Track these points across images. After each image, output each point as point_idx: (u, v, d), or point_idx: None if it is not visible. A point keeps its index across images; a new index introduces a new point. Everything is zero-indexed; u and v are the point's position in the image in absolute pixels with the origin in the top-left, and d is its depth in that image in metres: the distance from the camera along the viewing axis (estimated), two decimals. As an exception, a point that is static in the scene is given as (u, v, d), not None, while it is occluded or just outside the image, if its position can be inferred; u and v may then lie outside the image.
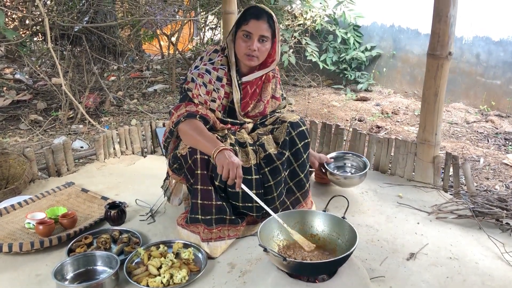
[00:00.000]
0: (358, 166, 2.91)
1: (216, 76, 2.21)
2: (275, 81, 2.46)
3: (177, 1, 6.44)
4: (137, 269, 1.94)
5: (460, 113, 4.94)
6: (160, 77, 6.66)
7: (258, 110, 2.39)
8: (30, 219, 2.30)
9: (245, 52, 2.15)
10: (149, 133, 3.53)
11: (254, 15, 2.12)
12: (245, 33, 2.12)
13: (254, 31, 2.11)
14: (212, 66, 2.22)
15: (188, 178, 2.14)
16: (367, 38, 6.37)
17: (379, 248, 2.22)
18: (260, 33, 2.12)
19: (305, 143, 2.29)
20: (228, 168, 1.88)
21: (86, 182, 2.95)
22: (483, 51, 5.01)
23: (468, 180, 2.81)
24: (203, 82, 2.19)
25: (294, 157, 2.28)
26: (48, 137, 4.11)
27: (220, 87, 2.21)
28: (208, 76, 2.20)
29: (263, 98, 2.39)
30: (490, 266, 2.09)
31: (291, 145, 2.26)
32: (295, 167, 2.30)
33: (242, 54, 2.17)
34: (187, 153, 2.09)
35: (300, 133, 2.28)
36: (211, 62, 2.23)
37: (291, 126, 2.26)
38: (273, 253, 1.65)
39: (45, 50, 5.33)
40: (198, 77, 2.20)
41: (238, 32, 2.16)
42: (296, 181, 2.34)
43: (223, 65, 2.22)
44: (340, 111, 5.16)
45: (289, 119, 2.29)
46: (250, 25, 2.11)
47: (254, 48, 2.12)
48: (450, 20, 2.69)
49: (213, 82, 2.20)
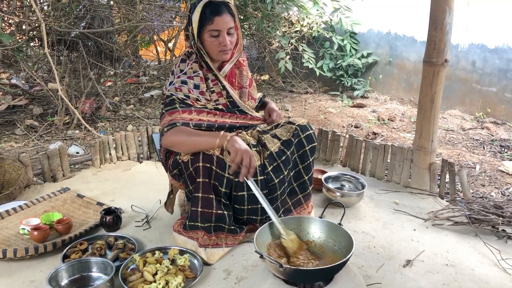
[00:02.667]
0: (356, 187, 2.90)
1: (193, 84, 2.13)
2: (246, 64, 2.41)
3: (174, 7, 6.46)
4: (132, 276, 1.92)
5: (456, 120, 4.96)
6: (156, 83, 6.66)
7: (245, 97, 2.33)
8: (25, 225, 2.29)
9: (218, 49, 2.10)
10: (145, 139, 3.52)
11: (216, 11, 2.04)
12: (213, 33, 2.07)
13: (222, 27, 2.06)
14: (186, 76, 2.14)
15: (187, 184, 2.12)
16: (364, 45, 6.40)
17: (376, 255, 2.22)
18: (227, 27, 2.07)
19: (312, 147, 2.30)
20: (241, 156, 1.87)
21: (81, 187, 2.94)
22: (479, 58, 5.04)
23: (464, 187, 2.82)
24: (185, 94, 2.11)
25: (300, 159, 2.29)
26: (44, 143, 4.10)
27: (199, 94, 2.13)
28: (185, 87, 2.12)
29: (243, 84, 2.34)
30: (486, 273, 2.09)
31: (298, 146, 2.27)
32: (301, 168, 2.31)
33: (216, 52, 2.12)
34: (189, 160, 2.05)
35: (308, 136, 2.28)
36: (184, 73, 2.15)
37: (300, 129, 2.27)
38: (269, 260, 1.64)
39: (42, 55, 5.32)
40: (177, 91, 2.11)
41: (204, 33, 2.08)
42: (300, 183, 2.35)
43: (195, 72, 2.15)
44: (336, 118, 5.17)
45: (298, 122, 2.30)
46: (216, 22, 2.04)
47: (227, 43, 2.09)
48: (446, 27, 2.71)
49: (192, 91, 2.12)
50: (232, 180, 2.08)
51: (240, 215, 2.20)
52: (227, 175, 2.06)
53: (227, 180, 2.07)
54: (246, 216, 2.20)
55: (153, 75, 7.21)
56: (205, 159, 2.02)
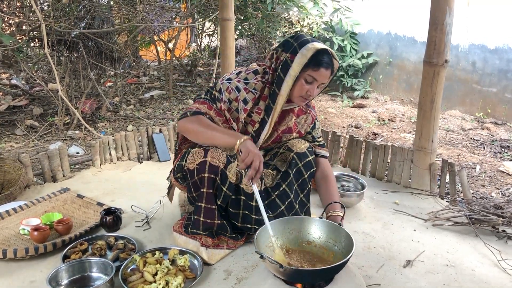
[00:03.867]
0: (356, 188, 2.90)
1: (244, 97, 2.07)
2: (305, 117, 2.30)
3: (175, 8, 6.46)
4: (133, 276, 1.92)
5: (456, 120, 4.96)
6: (157, 83, 6.66)
7: (271, 139, 2.27)
8: (25, 225, 2.29)
9: (302, 95, 2.01)
10: (145, 139, 3.52)
11: (326, 64, 1.94)
12: (310, 79, 1.97)
13: (319, 79, 1.97)
14: (244, 86, 2.08)
15: (190, 190, 2.12)
16: (364, 46, 6.40)
17: (376, 255, 2.22)
18: (323, 81, 1.99)
19: (310, 173, 2.25)
20: (252, 158, 1.82)
21: (81, 188, 2.94)
22: (479, 59, 5.04)
23: (465, 187, 2.82)
24: (229, 98, 2.07)
25: (300, 188, 2.25)
26: (44, 143, 4.10)
27: (242, 110, 2.07)
28: (235, 94, 2.07)
29: (278, 128, 2.24)
30: (486, 274, 2.09)
31: (297, 175, 2.22)
32: (301, 197, 2.27)
33: (298, 96, 2.02)
34: (195, 169, 2.03)
35: (307, 164, 2.22)
36: (245, 82, 2.09)
37: (297, 157, 2.20)
38: (270, 260, 1.64)
39: (42, 55, 5.33)
40: (226, 91, 2.08)
41: (303, 74, 1.96)
42: (305, 210, 2.31)
43: (255, 90, 2.07)
44: (336, 118, 5.17)
45: (296, 149, 2.21)
46: (320, 73, 1.95)
47: (314, 94, 2.02)
48: (446, 28, 2.70)
49: (239, 101, 2.07)
50: (229, 196, 2.11)
51: (235, 228, 2.22)
52: (225, 190, 2.08)
53: (224, 194, 2.09)
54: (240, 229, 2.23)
55: (153, 75, 7.22)
56: (211, 171, 2.02)
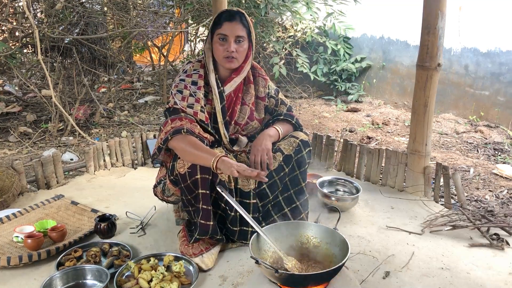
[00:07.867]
0: (350, 192, 2.91)
1: (191, 81, 2.18)
2: (258, 81, 2.38)
3: (168, 13, 6.47)
4: (128, 283, 1.91)
5: (450, 124, 4.98)
6: (151, 89, 6.65)
7: (246, 115, 2.32)
8: (19, 233, 2.27)
9: (223, 55, 2.13)
10: (139, 145, 3.51)
11: (227, 17, 2.11)
12: (220, 37, 2.11)
13: (229, 33, 2.10)
14: (185, 74, 2.21)
15: (184, 193, 2.10)
16: (357, 50, 6.43)
17: (371, 259, 2.22)
18: (236, 34, 2.10)
19: (303, 170, 2.31)
20: (234, 169, 1.87)
21: (76, 194, 2.92)
22: (471, 62, 5.07)
23: (459, 190, 2.83)
24: (178, 90, 2.16)
25: (292, 182, 2.29)
26: (38, 149, 4.08)
27: (196, 89, 2.17)
28: (182, 83, 2.18)
29: (246, 101, 2.33)
30: (481, 276, 2.09)
31: (298, 164, 2.26)
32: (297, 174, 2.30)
33: (221, 58, 2.15)
34: (186, 173, 2.03)
35: (308, 154, 2.29)
36: (184, 72, 2.23)
37: (302, 144, 2.26)
38: (265, 265, 1.64)
39: (35, 62, 5.31)
40: (174, 88, 2.18)
41: (214, 37, 2.14)
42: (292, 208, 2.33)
43: (195, 69, 2.22)
44: (331, 122, 5.18)
45: (300, 137, 2.29)
46: (224, 27, 2.10)
47: (232, 49, 2.11)
48: (438, 32, 2.72)
49: (189, 87, 2.16)
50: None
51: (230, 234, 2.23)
52: (213, 195, 2.10)
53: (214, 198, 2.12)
54: (237, 240, 2.24)
55: (147, 81, 7.21)
56: (203, 171, 2.02)
